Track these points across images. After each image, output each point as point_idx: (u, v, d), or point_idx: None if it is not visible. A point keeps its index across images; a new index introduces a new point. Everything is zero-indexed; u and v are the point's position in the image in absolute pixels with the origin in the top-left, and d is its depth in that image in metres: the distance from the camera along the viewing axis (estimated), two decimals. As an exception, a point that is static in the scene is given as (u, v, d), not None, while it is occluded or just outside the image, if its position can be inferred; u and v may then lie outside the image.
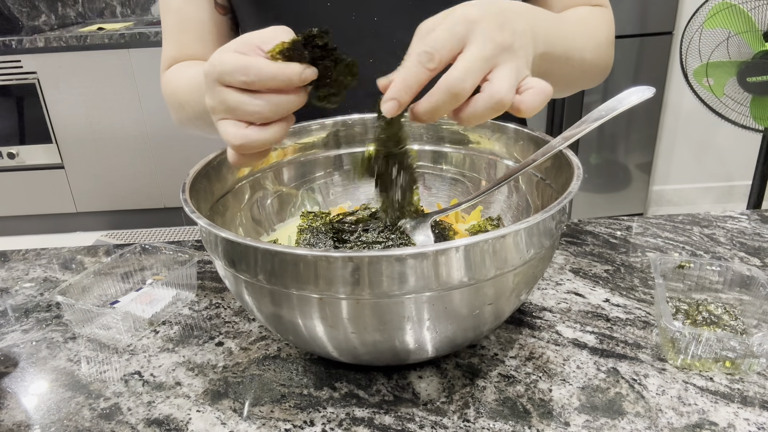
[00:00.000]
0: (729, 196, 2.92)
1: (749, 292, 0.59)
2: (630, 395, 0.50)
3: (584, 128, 0.52)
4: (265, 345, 0.58)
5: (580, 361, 0.54)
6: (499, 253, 0.43)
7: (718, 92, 1.90)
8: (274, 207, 0.68)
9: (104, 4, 2.99)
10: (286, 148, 0.68)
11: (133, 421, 0.50)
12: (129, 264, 0.70)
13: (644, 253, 0.72)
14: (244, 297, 0.48)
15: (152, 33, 2.43)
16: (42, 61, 2.49)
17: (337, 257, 0.41)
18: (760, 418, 0.47)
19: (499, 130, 0.66)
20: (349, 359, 0.51)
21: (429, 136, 0.70)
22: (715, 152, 2.82)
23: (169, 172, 2.72)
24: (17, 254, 0.80)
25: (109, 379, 0.55)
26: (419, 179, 0.52)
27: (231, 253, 0.45)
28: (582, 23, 0.69)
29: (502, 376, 0.53)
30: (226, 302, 0.66)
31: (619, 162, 2.61)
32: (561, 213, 0.47)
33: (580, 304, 0.63)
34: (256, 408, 0.50)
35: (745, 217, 0.80)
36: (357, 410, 0.50)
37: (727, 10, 1.77)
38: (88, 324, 0.63)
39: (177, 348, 0.59)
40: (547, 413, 0.48)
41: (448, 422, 0.48)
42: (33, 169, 2.71)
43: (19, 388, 0.55)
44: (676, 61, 2.43)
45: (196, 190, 0.54)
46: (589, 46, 0.67)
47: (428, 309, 0.44)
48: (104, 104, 2.59)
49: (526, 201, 0.63)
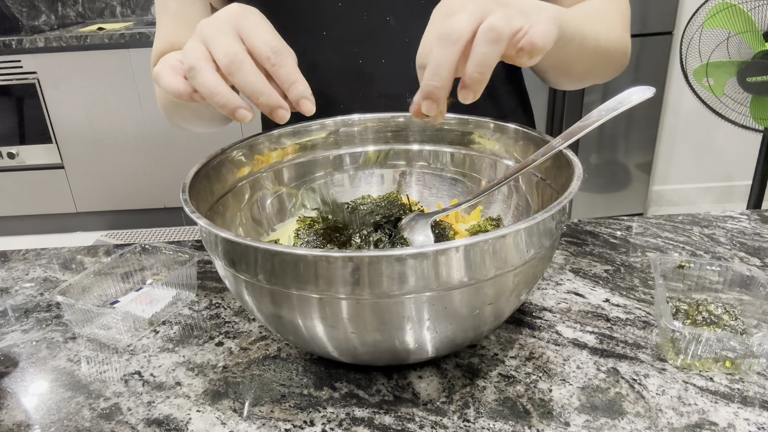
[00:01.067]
0: (729, 196, 2.92)
1: (749, 292, 0.59)
2: (630, 395, 0.50)
3: (584, 128, 0.52)
4: (265, 345, 0.58)
5: (580, 361, 0.54)
6: (499, 253, 0.43)
7: (718, 92, 1.90)
8: (274, 207, 0.68)
9: (104, 4, 2.99)
10: (286, 148, 0.68)
11: (133, 421, 0.50)
12: (129, 264, 0.70)
13: (644, 253, 0.72)
14: (244, 297, 0.48)
15: (152, 33, 2.43)
16: (42, 61, 2.49)
17: (337, 257, 0.41)
18: (760, 418, 0.47)
19: (499, 130, 0.66)
20: (349, 359, 0.51)
21: (429, 136, 0.70)
22: (715, 152, 2.82)
23: (169, 172, 2.72)
24: (17, 254, 0.80)
25: (109, 379, 0.55)
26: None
27: (231, 253, 0.45)
28: (594, 12, 0.68)
29: (502, 376, 0.53)
30: (226, 302, 0.66)
31: (619, 162, 2.61)
32: (561, 213, 0.47)
33: (580, 304, 0.63)
34: (256, 408, 0.50)
35: (745, 217, 0.80)
36: (357, 410, 0.50)
37: (727, 10, 1.77)
38: (88, 324, 0.63)
39: (177, 348, 0.59)
40: (547, 413, 0.48)
41: (448, 422, 0.48)
42: (33, 169, 2.71)
43: (19, 388, 0.55)
44: (676, 61, 2.43)
45: (196, 190, 0.54)
46: (603, 31, 0.66)
47: (428, 309, 0.44)
48: (104, 104, 2.59)
49: (526, 201, 0.63)
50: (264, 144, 0.66)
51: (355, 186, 0.71)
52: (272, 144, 0.67)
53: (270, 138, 0.66)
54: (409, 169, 0.71)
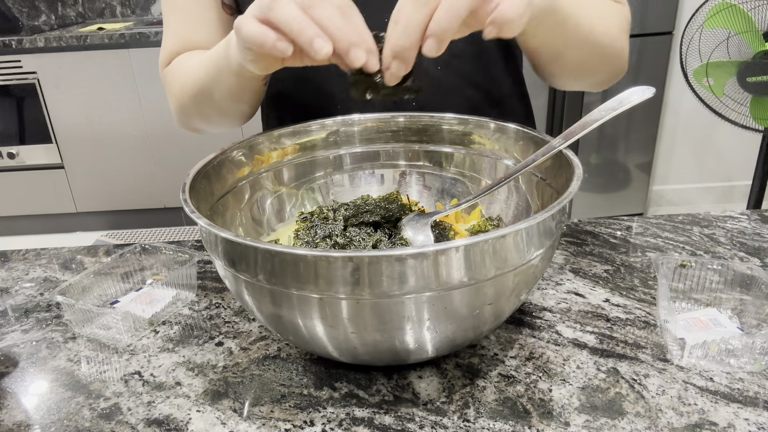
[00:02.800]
0: (729, 196, 2.92)
1: (750, 292, 0.59)
2: (630, 395, 0.50)
3: (584, 128, 0.52)
4: (265, 345, 0.58)
5: (580, 361, 0.54)
6: (499, 253, 0.43)
7: (718, 92, 1.90)
8: (274, 207, 0.68)
9: (104, 4, 2.99)
10: (286, 148, 0.68)
11: (133, 421, 0.50)
12: (129, 264, 0.70)
13: (644, 253, 0.72)
14: (244, 297, 0.48)
15: (152, 33, 2.43)
16: (42, 61, 2.49)
17: (337, 257, 0.41)
18: (760, 418, 0.47)
19: (499, 130, 0.66)
20: (349, 359, 0.51)
21: (429, 136, 0.70)
22: (715, 152, 2.82)
23: (169, 172, 2.72)
24: (17, 254, 0.80)
25: (109, 379, 0.55)
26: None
27: (231, 253, 0.45)
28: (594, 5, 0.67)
29: (502, 376, 0.53)
30: (226, 302, 0.66)
31: (619, 162, 2.61)
32: (561, 213, 0.47)
33: (580, 304, 0.63)
34: (256, 408, 0.50)
35: (745, 217, 0.80)
36: (357, 410, 0.50)
37: (727, 10, 1.77)
38: (88, 324, 0.63)
39: (177, 348, 0.59)
40: (547, 413, 0.48)
41: (448, 422, 0.48)
42: (33, 169, 2.71)
43: (19, 388, 0.55)
44: (676, 61, 2.43)
45: (196, 190, 0.54)
46: (599, 25, 0.65)
47: (428, 309, 0.44)
48: (104, 104, 2.58)
49: (526, 201, 0.63)
50: (264, 144, 0.66)
51: (355, 186, 0.71)
52: (272, 144, 0.67)
53: (270, 138, 0.66)
54: (409, 169, 0.71)
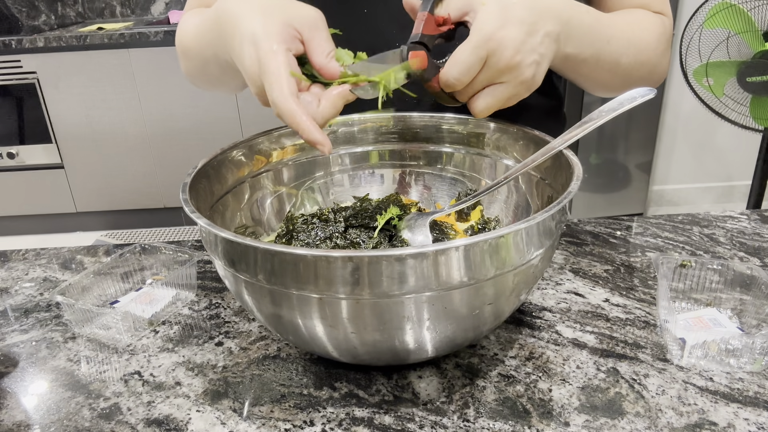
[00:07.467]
0: (729, 196, 2.92)
1: (750, 292, 0.59)
2: (630, 395, 0.50)
3: (584, 128, 0.52)
4: (265, 345, 0.58)
5: (580, 361, 0.54)
6: (499, 253, 0.43)
7: (718, 92, 1.90)
8: (274, 207, 0.68)
9: (104, 4, 2.99)
10: (286, 148, 0.68)
11: (133, 421, 0.50)
12: (129, 264, 0.70)
13: (644, 253, 0.72)
14: (244, 297, 0.48)
15: (152, 33, 2.43)
16: (42, 61, 2.49)
17: (337, 257, 0.41)
18: (760, 418, 0.47)
19: (499, 130, 0.66)
20: (349, 359, 0.51)
21: (429, 136, 0.70)
22: (715, 152, 2.82)
23: (169, 172, 2.72)
24: (17, 254, 0.80)
25: (108, 379, 0.55)
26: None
27: (231, 253, 0.45)
28: (628, 27, 0.66)
29: (502, 376, 0.53)
30: (226, 302, 0.66)
31: (619, 162, 2.61)
32: (561, 213, 0.47)
33: (580, 304, 0.63)
34: (256, 408, 0.50)
35: (744, 217, 0.80)
36: (357, 410, 0.50)
37: (727, 10, 1.77)
38: (88, 324, 0.62)
39: (177, 348, 0.59)
40: (547, 413, 0.48)
41: (448, 422, 0.48)
42: (33, 169, 2.71)
43: (19, 388, 0.55)
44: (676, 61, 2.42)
45: (196, 190, 0.54)
46: (629, 51, 0.65)
47: (428, 309, 0.44)
48: (104, 104, 2.58)
49: (526, 201, 0.63)
50: (264, 144, 0.66)
51: (355, 186, 0.71)
52: (272, 144, 0.67)
53: (270, 138, 0.66)
54: (409, 169, 0.71)
